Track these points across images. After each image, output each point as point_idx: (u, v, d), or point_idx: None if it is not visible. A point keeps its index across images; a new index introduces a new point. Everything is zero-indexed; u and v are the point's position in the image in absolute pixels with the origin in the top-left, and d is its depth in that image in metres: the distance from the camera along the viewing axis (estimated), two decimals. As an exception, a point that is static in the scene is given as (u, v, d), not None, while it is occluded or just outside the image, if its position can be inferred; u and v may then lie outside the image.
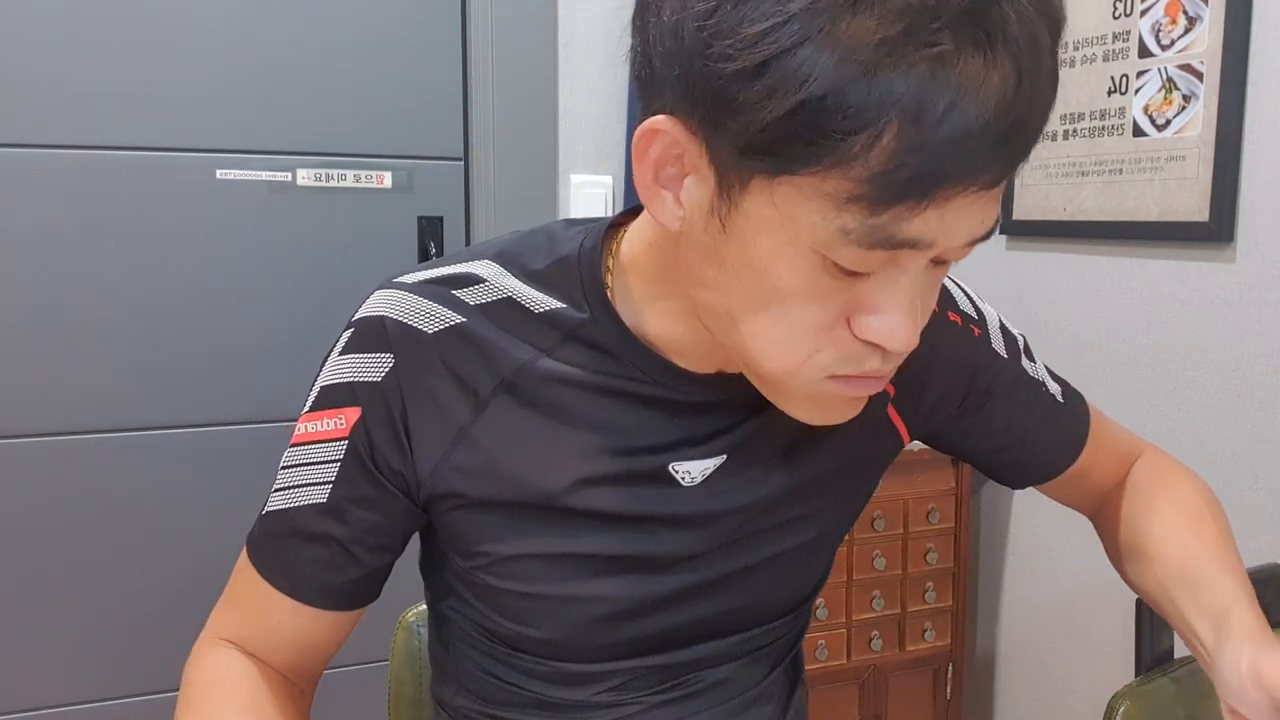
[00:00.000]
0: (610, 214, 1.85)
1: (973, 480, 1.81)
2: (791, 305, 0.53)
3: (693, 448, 0.67)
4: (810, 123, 0.46)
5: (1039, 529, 1.75)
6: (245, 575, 0.70)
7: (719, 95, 0.48)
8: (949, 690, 1.82)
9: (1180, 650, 0.96)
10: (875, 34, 0.44)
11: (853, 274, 0.51)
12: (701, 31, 0.48)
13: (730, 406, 0.67)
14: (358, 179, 1.69)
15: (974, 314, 0.77)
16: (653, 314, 0.64)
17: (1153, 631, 0.95)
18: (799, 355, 0.55)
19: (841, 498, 0.76)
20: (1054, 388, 0.82)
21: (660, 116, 0.52)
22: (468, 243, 1.77)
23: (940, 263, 0.54)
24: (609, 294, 0.65)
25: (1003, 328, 0.80)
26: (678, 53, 0.50)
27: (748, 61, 0.46)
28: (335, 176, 1.68)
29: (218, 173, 1.62)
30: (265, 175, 1.64)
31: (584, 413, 0.65)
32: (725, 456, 0.68)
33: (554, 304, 0.65)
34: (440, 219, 1.75)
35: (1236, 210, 1.34)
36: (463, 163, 1.75)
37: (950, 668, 1.81)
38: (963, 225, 0.50)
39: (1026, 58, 0.46)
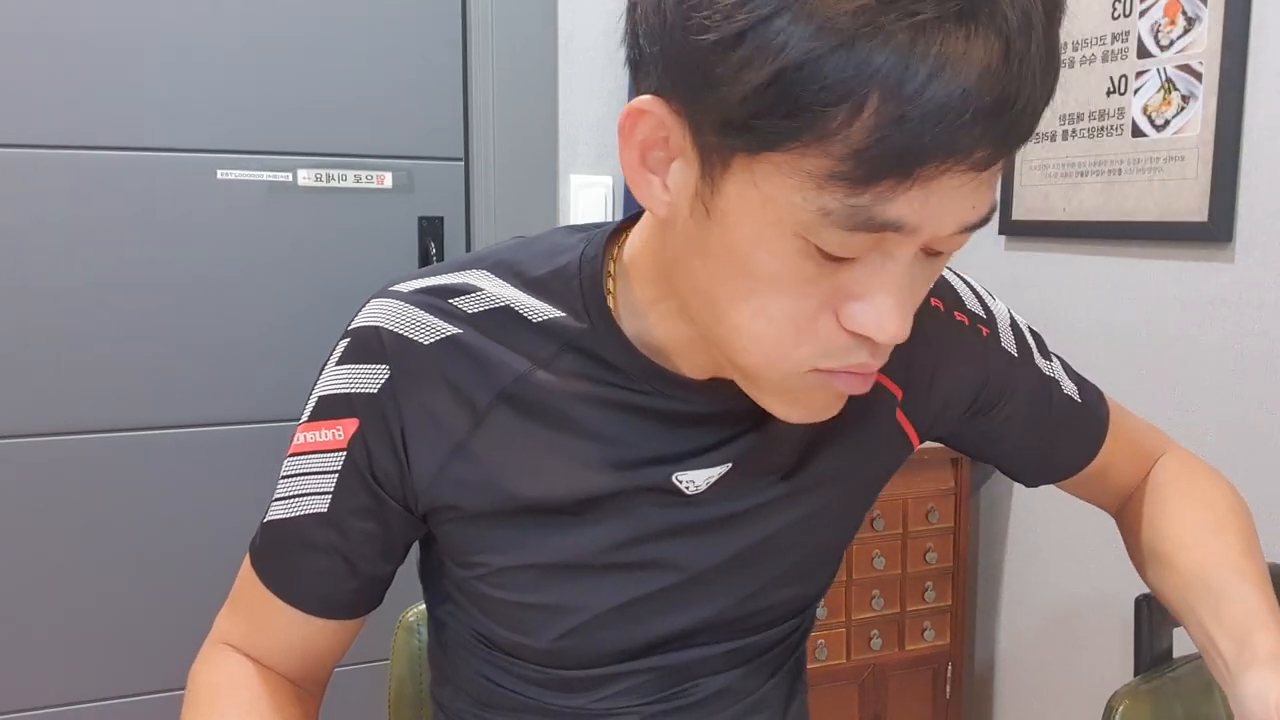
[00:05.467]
0: (610, 215, 1.86)
1: (972, 480, 1.81)
2: (773, 294, 0.51)
3: (696, 457, 0.66)
4: (788, 94, 0.44)
5: (1039, 529, 1.75)
6: (249, 583, 0.70)
7: (698, 68, 0.47)
8: (949, 690, 1.82)
9: (1180, 650, 0.96)
10: (854, 2, 0.43)
11: (837, 260, 0.50)
12: (682, 4, 0.47)
13: (734, 415, 0.66)
14: (358, 179, 1.69)
15: (982, 313, 0.75)
16: (656, 317, 0.63)
17: (1152, 631, 0.95)
18: (781, 348, 0.53)
19: (849, 503, 0.75)
20: (1070, 387, 0.80)
21: (645, 97, 0.52)
22: (468, 243, 1.77)
23: (934, 254, 0.53)
24: (611, 302, 0.63)
25: (1014, 325, 0.77)
26: (660, 29, 0.49)
27: (725, 31, 0.45)
28: (336, 177, 1.68)
29: (218, 173, 1.62)
30: (266, 175, 1.65)
31: (585, 424, 0.64)
32: (730, 465, 0.66)
33: (553, 313, 0.64)
34: (440, 219, 1.75)
35: (1235, 210, 1.34)
36: (463, 163, 1.75)
37: (950, 667, 1.81)
38: (950, 209, 0.48)
39: (1017, 32, 0.45)
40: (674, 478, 0.66)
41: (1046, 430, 0.79)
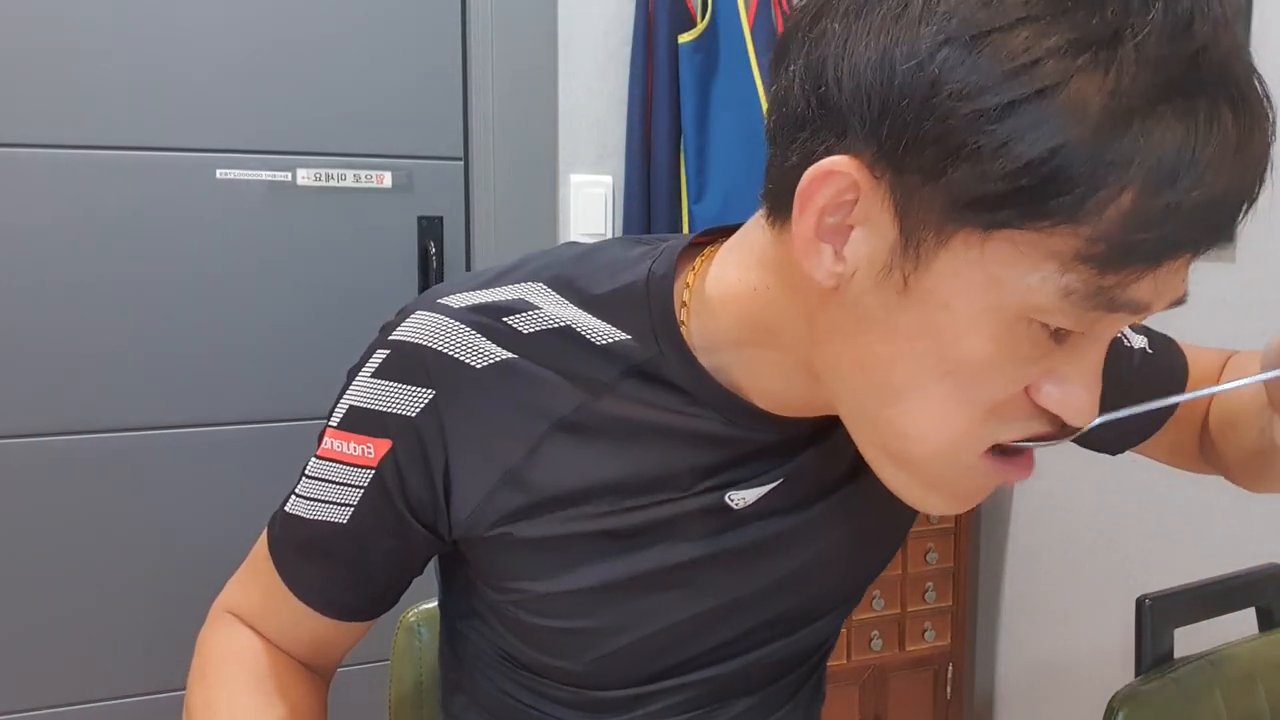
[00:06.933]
0: (610, 215, 1.85)
1: (973, 480, 1.81)
2: (976, 379, 0.48)
3: (751, 480, 0.63)
4: (1056, 175, 0.42)
5: (1039, 529, 1.75)
6: (264, 565, 0.68)
7: (946, 140, 0.43)
8: (949, 691, 1.82)
9: (1181, 651, 0.96)
10: (1137, 83, 0.41)
11: (1055, 342, 0.47)
12: (921, 70, 0.43)
13: (793, 439, 0.63)
14: (358, 179, 1.69)
15: None
16: (741, 359, 0.59)
17: (1153, 631, 0.95)
18: (968, 434, 0.50)
19: (896, 516, 0.73)
20: (1139, 340, 0.76)
21: (840, 157, 0.47)
22: (468, 243, 1.77)
23: None
24: (683, 329, 0.59)
25: None
26: (881, 90, 0.45)
27: (989, 103, 0.42)
28: (335, 176, 1.68)
29: (218, 172, 1.62)
30: (265, 175, 1.64)
31: (645, 453, 0.61)
32: (781, 480, 0.64)
33: (618, 336, 0.60)
34: (440, 219, 1.75)
35: (1236, 210, 1.34)
36: (463, 163, 1.75)
37: (950, 668, 1.81)
38: (1171, 287, 0.47)
39: (1274, 115, 0.45)
40: (727, 497, 0.63)
41: (1123, 391, 0.73)
